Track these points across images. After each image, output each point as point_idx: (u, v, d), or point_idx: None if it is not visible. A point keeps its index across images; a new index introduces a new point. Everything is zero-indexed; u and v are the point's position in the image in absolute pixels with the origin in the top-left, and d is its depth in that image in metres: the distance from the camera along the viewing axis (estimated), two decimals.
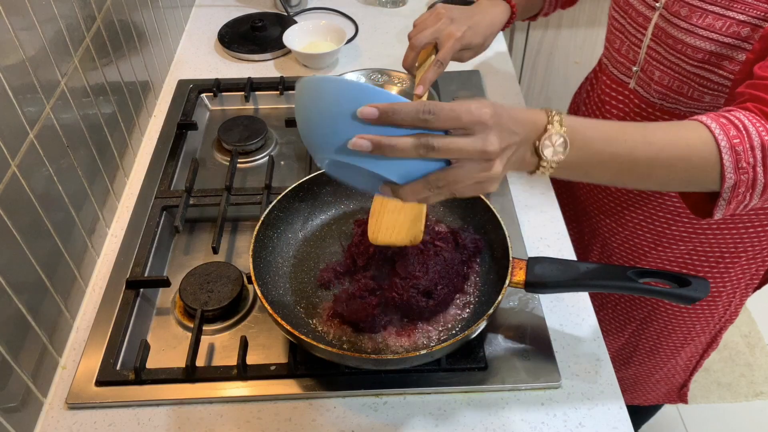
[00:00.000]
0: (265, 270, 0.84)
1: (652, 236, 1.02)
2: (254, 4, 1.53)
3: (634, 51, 0.91)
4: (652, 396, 1.33)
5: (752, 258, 1.00)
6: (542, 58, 1.93)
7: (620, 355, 1.24)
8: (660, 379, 1.26)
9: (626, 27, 0.91)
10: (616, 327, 1.19)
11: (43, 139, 0.81)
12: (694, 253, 1.00)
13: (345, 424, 0.77)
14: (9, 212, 0.73)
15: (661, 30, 0.84)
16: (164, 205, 1.01)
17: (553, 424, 0.77)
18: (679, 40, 0.81)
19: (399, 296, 0.78)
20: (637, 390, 1.31)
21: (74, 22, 0.92)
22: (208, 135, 1.20)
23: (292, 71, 1.32)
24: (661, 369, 1.23)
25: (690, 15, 0.79)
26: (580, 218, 1.16)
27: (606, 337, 1.20)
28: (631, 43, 0.91)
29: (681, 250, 1.00)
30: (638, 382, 1.29)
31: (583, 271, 0.77)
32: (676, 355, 1.19)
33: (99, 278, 0.94)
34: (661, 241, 1.01)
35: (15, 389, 0.74)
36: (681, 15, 0.80)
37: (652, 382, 1.28)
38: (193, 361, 0.80)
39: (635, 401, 1.35)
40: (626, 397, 1.33)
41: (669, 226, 0.99)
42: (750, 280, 1.05)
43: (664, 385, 1.29)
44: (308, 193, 0.92)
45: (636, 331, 1.17)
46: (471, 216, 0.90)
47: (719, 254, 0.99)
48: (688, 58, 0.82)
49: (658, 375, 1.25)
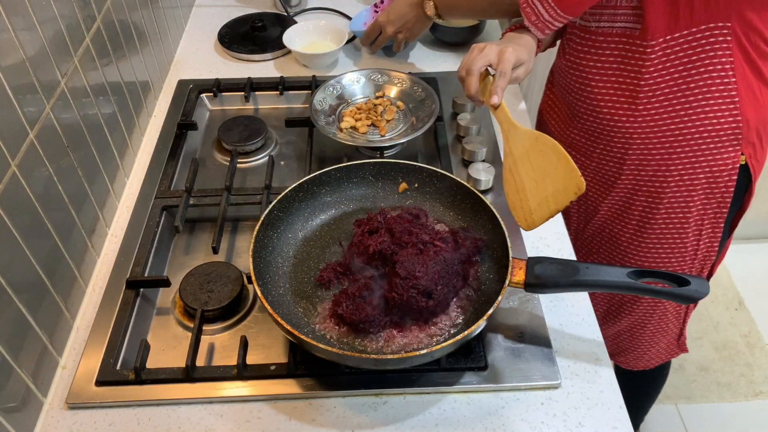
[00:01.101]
0: (265, 270, 0.84)
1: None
2: (254, 4, 1.53)
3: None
4: (653, 353, 1.32)
5: (701, 178, 1.01)
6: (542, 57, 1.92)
7: (612, 306, 1.25)
8: (655, 331, 1.26)
9: None
10: None
11: (43, 139, 0.81)
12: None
13: (345, 424, 0.77)
14: (9, 212, 0.73)
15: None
16: (164, 205, 1.01)
17: (552, 424, 0.77)
18: None
19: (399, 296, 0.78)
20: (637, 348, 1.31)
21: (74, 22, 0.92)
22: (208, 135, 1.20)
23: (292, 71, 1.32)
24: (652, 317, 1.23)
25: None
26: None
27: (592, 295, 1.21)
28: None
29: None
30: (635, 336, 1.28)
31: (582, 271, 0.78)
32: (659, 301, 1.19)
33: (99, 278, 0.94)
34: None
35: (15, 389, 0.74)
36: None
37: (648, 334, 1.27)
38: (193, 361, 0.80)
39: (639, 364, 1.35)
40: (629, 360, 1.34)
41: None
42: (713, 208, 1.05)
43: (662, 338, 1.29)
44: (308, 193, 0.92)
45: None
46: (471, 216, 0.90)
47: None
48: None
49: (651, 324, 1.25)
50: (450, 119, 1.17)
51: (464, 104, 1.16)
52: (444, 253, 0.82)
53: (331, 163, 0.95)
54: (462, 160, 1.09)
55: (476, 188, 0.90)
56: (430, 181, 0.93)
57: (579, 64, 1.03)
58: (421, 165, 0.93)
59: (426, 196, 0.94)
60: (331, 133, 1.08)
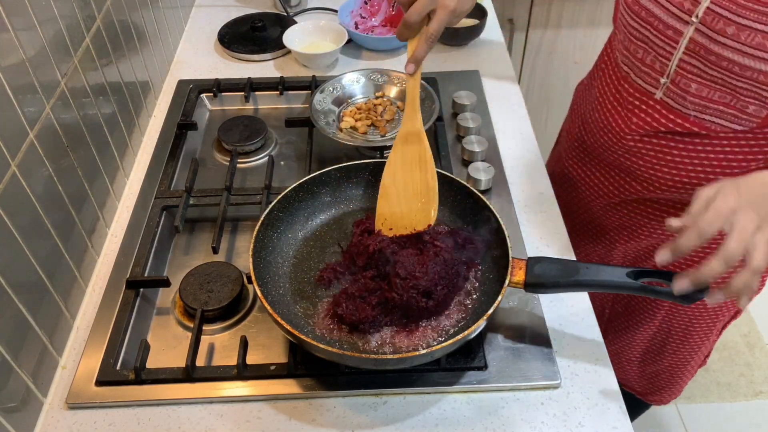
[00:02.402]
0: (265, 270, 0.84)
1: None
2: (254, 4, 1.53)
3: (662, 62, 0.88)
4: (684, 384, 1.29)
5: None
6: (542, 57, 1.93)
7: (654, 344, 1.20)
8: (696, 366, 1.22)
9: (650, 38, 0.88)
10: (649, 312, 1.14)
11: (43, 139, 0.81)
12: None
13: (345, 424, 0.77)
14: (9, 212, 0.73)
15: (699, 45, 0.81)
16: (164, 205, 1.01)
17: (552, 424, 0.77)
18: (725, 57, 0.79)
19: (399, 296, 0.78)
20: (673, 385, 1.27)
21: (74, 22, 0.92)
22: (208, 135, 1.20)
23: (292, 71, 1.32)
24: (697, 353, 1.18)
25: (737, 33, 0.76)
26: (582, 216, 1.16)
27: (640, 325, 1.17)
28: (657, 54, 0.88)
29: None
30: (675, 375, 1.24)
31: (582, 271, 0.77)
32: (709, 335, 1.15)
33: (99, 278, 0.94)
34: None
35: (15, 389, 0.74)
36: (726, 33, 0.77)
37: (688, 371, 1.23)
38: (193, 361, 0.80)
39: (671, 398, 1.31)
40: (663, 397, 1.30)
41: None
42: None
43: (695, 370, 1.25)
44: (308, 193, 0.92)
45: (668, 315, 1.13)
46: (471, 216, 0.90)
47: None
48: (735, 74, 0.79)
49: (693, 361, 1.20)
50: (450, 119, 1.17)
51: (464, 104, 1.16)
52: (444, 253, 0.82)
53: (331, 163, 0.95)
54: (462, 160, 1.09)
55: (476, 188, 0.90)
56: None
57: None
58: None
59: None
60: (331, 133, 1.08)
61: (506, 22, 1.81)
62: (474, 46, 1.38)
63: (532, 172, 1.09)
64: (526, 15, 1.82)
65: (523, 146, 1.14)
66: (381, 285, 0.81)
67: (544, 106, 2.04)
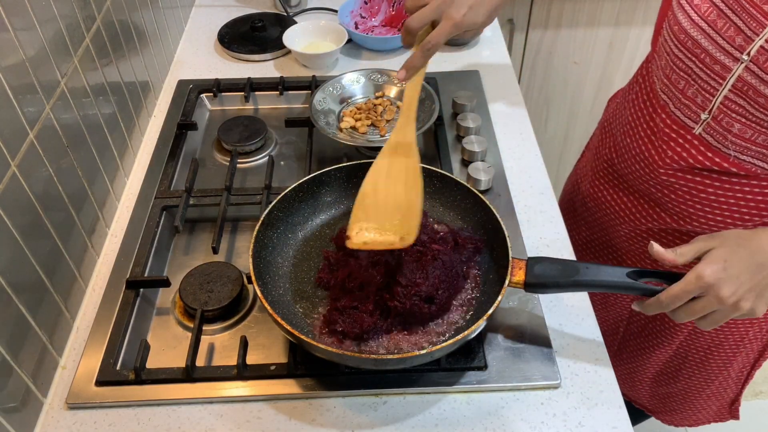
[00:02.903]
0: (265, 270, 0.84)
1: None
2: (254, 4, 1.53)
3: (704, 97, 0.83)
4: (702, 415, 1.25)
5: None
6: (542, 58, 1.93)
7: (669, 367, 1.17)
8: (711, 395, 1.19)
9: (695, 71, 0.83)
10: (667, 336, 1.11)
11: (43, 139, 0.81)
12: None
13: (345, 424, 0.77)
14: (9, 212, 0.73)
15: (747, 84, 0.77)
16: (164, 205, 1.01)
17: (552, 424, 0.77)
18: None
19: (401, 305, 0.78)
20: (687, 410, 1.24)
21: (74, 22, 0.92)
22: (208, 135, 1.20)
23: (292, 71, 1.32)
24: (713, 382, 1.15)
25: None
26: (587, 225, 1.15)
27: (656, 348, 1.14)
28: (700, 88, 0.83)
29: None
30: (688, 400, 1.21)
31: (582, 271, 0.77)
32: (728, 366, 1.12)
33: (99, 278, 0.94)
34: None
35: (15, 389, 0.74)
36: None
37: (702, 398, 1.20)
38: (193, 361, 0.80)
39: (684, 423, 1.28)
40: (674, 419, 1.28)
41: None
42: None
43: (715, 401, 1.21)
44: (308, 193, 0.92)
45: (686, 340, 1.10)
46: (471, 216, 0.90)
47: None
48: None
49: (709, 390, 1.17)
50: (450, 119, 1.17)
51: (464, 104, 1.16)
52: (443, 256, 0.82)
53: (331, 163, 0.95)
54: (462, 160, 1.09)
55: (476, 188, 0.90)
56: (430, 181, 0.93)
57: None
58: (421, 165, 0.93)
59: (426, 196, 0.94)
60: (331, 133, 1.08)
61: (506, 22, 1.81)
62: (474, 46, 1.38)
63: (532, 172, 1.09)
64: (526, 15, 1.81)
65: (523, 146, 1.14)
66: (370, 288, 0.80)
67: (544, 106, 2.04)
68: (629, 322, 1.17)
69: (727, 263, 0.70)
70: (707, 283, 0.70)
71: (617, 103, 1.09)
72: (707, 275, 0.70)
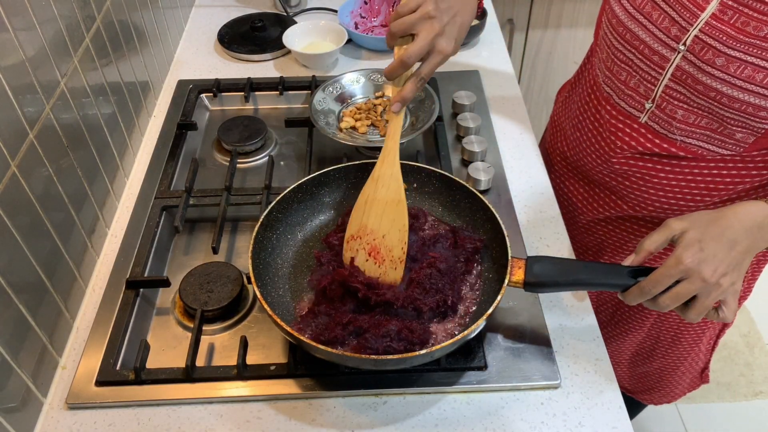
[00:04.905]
0: (265, 271, 0.84)
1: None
2: (254, 4, 1.53)
3: (647, 87, 0.86)
4: (679, 389, 1.30)
5: None
6: (541, 58, 1.93)
7: (643, 348, 1.21)
8: (685, 370, 1.23)
9: (635, 62, 0.86)
10: (636, 321, 1.16)
11: (43, 139, 0.81)
12: None
13: (345, 424, 0.77)
14: (9, 212, 0.73)
15: (685, 73, 0.80)
16: (164, 205, 1.01)
17: (552, 424, 0.77)
18: (712, 87, 0.78)
19: (401, 323, 0.77)
20: (664, 387, 1.28)
21: (74, 23, 0.92)
22: (208, 135, 1.20)
23: (292, 71, 1.32)
24: (686, 359, 1.19)
25: (726, 65, 0.75)
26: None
27: (627, 333, 1.17)
28: (642, 78, 0.86)
29: None
30: (664, 378, 1.26)
31: (582, 270, 0.78)
32: (698, 342, 1.16)
33: (99, 278, 0.94)
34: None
35: (15, 389, 0.74)
36: (715, 64, 0.76)
37: (678, 374, 1.24)
38: (193, 361, 0.80)
39: (663, 400, 1.32)
40: (654, 397, 1.32)
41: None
42: (762, 255, 1.02)
43: (688, 374, 1.26)
44: (308, 194, 0.92)
45: (655, 323, 1.14)
46: (470, 216, 0.90)
47: None
48: (723, 105, 0.78)
49: (683, 366, 1.21)
50: (450, 119, 1.17)
51: (464, 104, 1.16)
52: (439, 264, 0.82)
53: (330, 163, 0.95)
54: (462, 160, 1.09)
55: (476, 188, 0.90)
56: (430, 181, 0.93)
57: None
58: (421, 165, 0.93)
59: (425, 196, 0.94)
60: (331, 133, 1.08)
61: (506, 22, 1.81)
62: (474, 46, 1.38)
63: (532, 172, 1.09)
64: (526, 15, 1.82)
65: (523, 146, 1.14)
66: (348, 306, 0.80)
67: (544, 106, 2.04)
68: (597, 311, 1.19)
69: (702, 243, 0.70)
70: (687, 267, 0.70)
71: (564, 96, 1.12)
72: (686, 259, 0.70)
